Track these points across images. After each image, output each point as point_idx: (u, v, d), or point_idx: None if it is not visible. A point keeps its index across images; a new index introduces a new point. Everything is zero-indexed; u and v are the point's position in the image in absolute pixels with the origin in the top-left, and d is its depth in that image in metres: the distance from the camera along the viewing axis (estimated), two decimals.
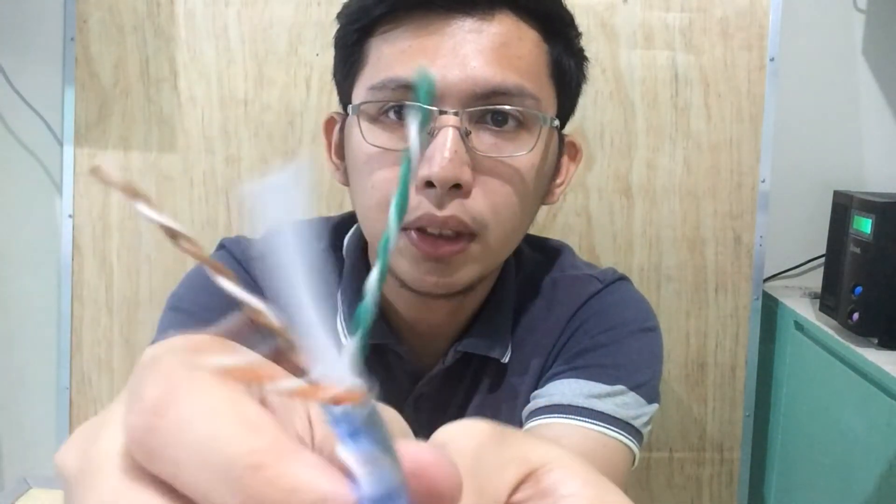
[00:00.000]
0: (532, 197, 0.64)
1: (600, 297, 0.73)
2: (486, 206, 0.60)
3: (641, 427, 0.67)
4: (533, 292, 0.72)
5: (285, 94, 1.32)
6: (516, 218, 0.63)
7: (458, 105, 0.58)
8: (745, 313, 1.35)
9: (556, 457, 0.21)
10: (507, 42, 0.60)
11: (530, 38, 0.62)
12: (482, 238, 0.61)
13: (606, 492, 0.21)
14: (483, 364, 0.71)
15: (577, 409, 0.65)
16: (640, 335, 0.71)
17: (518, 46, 0.61)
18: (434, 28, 0.59)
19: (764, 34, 1.31)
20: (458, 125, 0.57)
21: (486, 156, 0.59)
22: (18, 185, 1.44)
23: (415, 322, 0.69)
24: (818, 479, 1.24)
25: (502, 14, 0.61)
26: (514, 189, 0.61)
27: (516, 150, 0.61)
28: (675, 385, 1.36)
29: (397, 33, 0.60)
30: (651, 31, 1.30)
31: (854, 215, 1.19)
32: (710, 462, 1.39)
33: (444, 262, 0.60)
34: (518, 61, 0.60)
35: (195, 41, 1.32)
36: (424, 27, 0.59)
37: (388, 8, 0.60)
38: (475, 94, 0.59)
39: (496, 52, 0.59)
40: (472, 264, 0.62)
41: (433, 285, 0.61)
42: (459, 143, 0.57)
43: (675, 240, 1.34)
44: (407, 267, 0.61)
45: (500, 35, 0.60)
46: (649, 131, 1.32)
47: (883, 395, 1.04)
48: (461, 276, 0.62)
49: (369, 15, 0.62)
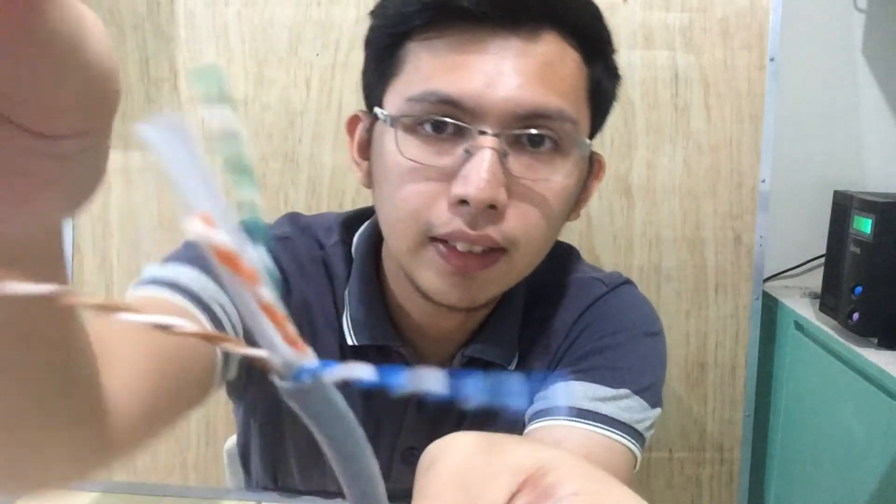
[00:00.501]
0: (561, 218, 0.64)
1: (605, 301, 0.73)
2: (517, 226, 0.59)
3: (644, 431, 0.67)
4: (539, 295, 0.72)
5: (285, 94, 1.32)
6: (544, 238, 0.63)
7: (497, 125, 0.57)
8: (745, 313, 1.35)
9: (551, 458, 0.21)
10: (550, 62, 0.59)
11: (573, 59, 0.61)
12: (510, 256, 0.60)
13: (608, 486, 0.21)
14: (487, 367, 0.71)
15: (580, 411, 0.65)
16: (644, 339, 0.71)
17: (561, 67, 0.60)
18: (477, 42, 0.58)
19: (764, 34, 1.31)
20: (496, 147, 0.57)
21: (521, 178, 0.59)
22: None
23: (425, 327, 0.69)
24: (818, 479, 1.24)
25: (548, 34, 0.59)
26: (545, 211, 0.61)
27: (551, 173, 0.60)
28: (675, 385, 1.36)
29: (438, 43, 0.59)
30: (651, 31, 1.30)
31: (854, 215, 1.19)
32: (710, 462, 1.39)
33: (470, 278, 0.60)
34: (560, 83, 0.59)
35: (195, 41, 1.32)
36: (468, 40, 0.58)
37: (429, 18, 0.59)
38: (516, 115, 0.58)
39: (539, 74, 0.58)
40: (498, 281, 0.62)
41: (457, 299, 0.61)
42: (497, 164, 0.57)
43: (675, 240, 1.34)
44: (433, 279, 0.61)
45: (544, 55, 0.59)
46: (649, 131, 1.32)
47: (883, 395, 1.04)
48: (485, 292, 0.62)
49: (408, 23, 0.60)
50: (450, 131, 0.58)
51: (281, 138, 1.33)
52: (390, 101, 0.62)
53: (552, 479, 0.20)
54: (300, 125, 1.33)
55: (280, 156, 1.33)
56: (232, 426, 1.35)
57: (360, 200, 1.34)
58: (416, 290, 0.63)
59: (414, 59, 0.60)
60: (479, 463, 0.20)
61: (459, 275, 0.60)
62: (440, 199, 0.58)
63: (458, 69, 0.58)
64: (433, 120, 0.58)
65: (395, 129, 0.60)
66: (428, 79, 0.59)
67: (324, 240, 0.72)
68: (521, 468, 0.21)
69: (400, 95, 0.60)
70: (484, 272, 0.60)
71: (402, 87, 0.61)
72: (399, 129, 0.60)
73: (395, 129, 0.60)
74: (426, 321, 0.68)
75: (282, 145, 1.33)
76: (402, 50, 0.61)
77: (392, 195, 0.60)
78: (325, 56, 1.32)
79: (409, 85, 0.60)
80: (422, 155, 0.59)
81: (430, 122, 0.58)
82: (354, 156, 0.69)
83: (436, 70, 0.58)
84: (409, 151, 0.59)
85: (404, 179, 0.59)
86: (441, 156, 0.58)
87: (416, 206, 0.59)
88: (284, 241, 0.70)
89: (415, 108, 0.59)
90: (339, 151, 1.33)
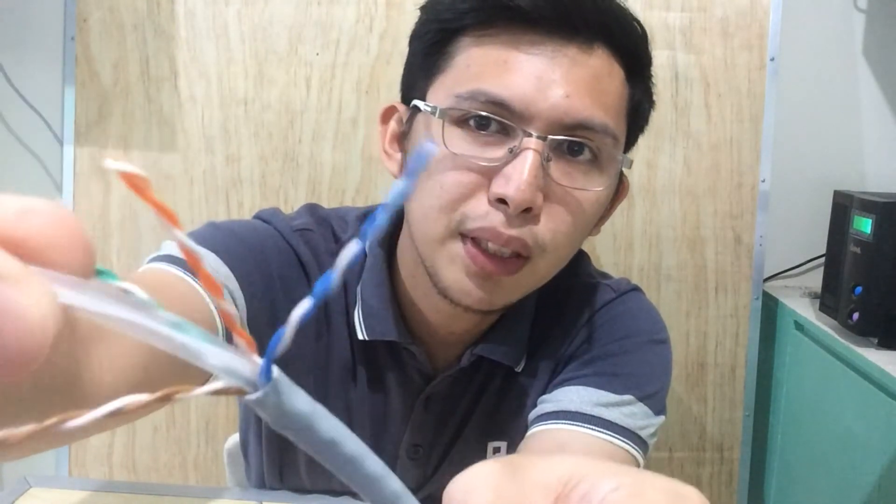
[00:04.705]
0: (587, 230, 0.65)
1: (613, 307, 0.73)
2: (548, 232, 0.60)
3: (647, 438, 0.67)
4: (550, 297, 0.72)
5: (285, 93, 1.32)
6: (570, 246, 0.63)
7: (543, 130, 0.58)
8: (745, 313, 1.35)
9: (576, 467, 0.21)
10: (599, 76, 0.60)
11: (619, 77, 0.62)
12: (534, 262, 0.61)
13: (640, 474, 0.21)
14: (494, 367, 0.71)
15: (584, 416, 0.65)
16: (651, 346, 0.71)
17: (608, 83, 0.60)
18: (532, 45, 0.58)
19: (764, 34, 1.31)
20: (540, 150, 0.57)
21: (558, 184, 0.59)
22: (18, 184, 1.44)
23: (436, 326, 0.69)
24: (818, 479, 1.24)
25: (599, 48, 0.60)
26: (576, 220, 0.61)
27: (587, 183, 0.61)
28: (675, 385, 1.36)
29: (491, 41, 0.59)
30: (651, 31, 1.29)
31: (854, 215, 1.19)
32: (710, 462, 1.39)
33: (493, 281, 0.60)
34: (606, 98, 0.60)
35: (195, 40, 1.32)
36: (522, 42, 0.58)
37: (484, 17, 0.59)
38: (562, 123, 0.58)
39: (589, 86, 0.59)
40: (519, 288, 0.63)
41: (477, 301, 0.61)
42: (539, 168, 0.57)
43: (675, 240, 1.34)
44: (456, 276, 0.61)
45: (595, 68, 0.59)
46: (649, 131, 1.31)
47: (883, 395, 1.04)
48: (506, 296, 0.63)
49: (462, 20, 0.60)
50: (495, 129, 0.59)
51: (281, 138, 1.33)
52: (436, 95, 0.62)
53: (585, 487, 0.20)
54: (300, 125, 1.33)
55: (280, 155, 1.33)
56: (232, 426, 1.35)
57: (359, 199, 1.34)
58: (435, 287, 0.63)
59: (465, 55, 0.60)
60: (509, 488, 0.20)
61: (483, 276, 0.60)
62: (479, 194, 0.58)
63: (509, 70, 0.58)
64: (480, 116, 0.59)
65: (443, 120, 0.60)
66: (478, 77, 0.59)
67: (340, 233, 0.72)
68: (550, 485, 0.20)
69: (447, 91, 0.61)
70: (507, 277, 0.60)
71: (450, 82, 0.61)
72: (446, 122, 0.60)
73: (443, 120, 0.60)
74: (439, 320, 0.68)
75: (282, 145, 1.33)
76: (451, 46, 0.61)
77: (430, 183, 0.60)
78: (325, 56, 1.32)
79: (457, 81, 0.60)
80: (467, 148, 0.59)
81: (477, 117, 0.59)
82: (387, 147, 0.69)
83: (486, 68, 0.59)
84: (453, 143, 0.59)
85: (444, 168, 0.59)
86: (484, 151, 0.59)
87: (454, 196, 0.59)
88: (304, 233, 0.70)
89: (462, 104, 0.59)
90: (339, 151, 1.33)
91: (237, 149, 1.33)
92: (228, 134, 1.33)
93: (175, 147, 1.33)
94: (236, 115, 1.32)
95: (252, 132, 1.33)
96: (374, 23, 1.31)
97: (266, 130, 1.33)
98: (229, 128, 1.33)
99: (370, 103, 1.32)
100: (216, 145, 1.33)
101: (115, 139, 1.33)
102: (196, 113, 1.32)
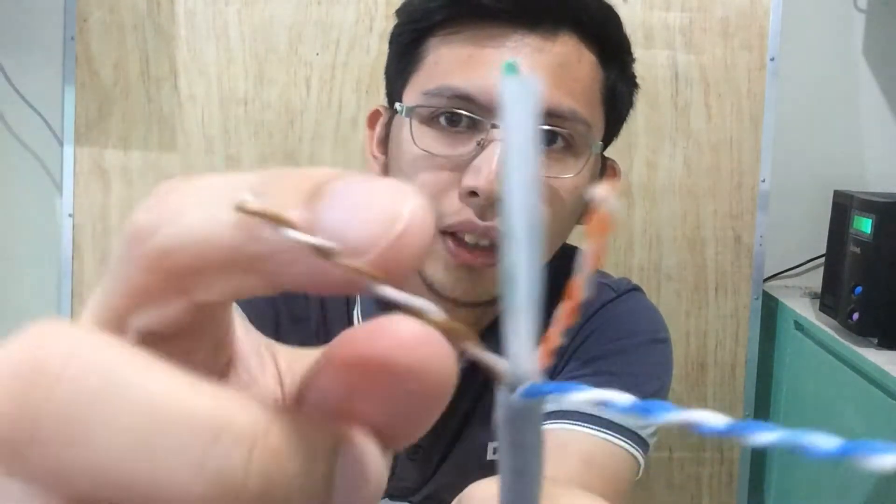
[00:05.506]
0: (569, 218, 0.65)
1: (613, 306, 0.73)
2: None
3: (648, 437, 0.67)
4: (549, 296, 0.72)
5: (285, 93, 1.32)
6: (554, 236, 0.64)
7: None
8: (745, 313, 1.35)
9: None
10: (566, 63, 0.60)
11: (589, 62, 0.62)
12: None
13: None
14: None
15: (583, 415, 0.65)
16: (651, 346, 0.71)
17: (577, 69, 0.61)
18: (495, 39, 0.59)
19: (764, 34, 1.31)
20: None
21: None
22: (19, 184, 1.44)
23: None
24: (818, 479, 1.24)
25: (565, 34, 0.60)
26: (553, 208, 0.61)
27: (561, 171, 0.61)
28: (675, 385, 1.36)
29: (458, 39, 0.60)
30: (651, 31, 1.30)
31: (854, 215, 1.19)
32: (710, 462, 1.39)
33: (476, 272, 0.61)
34: (574, 84, 0.60)
35: (195, 40, 1.32)
36: (486, 37, 0.59)
37: (450, 14, 0.60)
38: None
39: (555, 74, 0.59)
40: None
41: (462, 293, 0.62)
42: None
43: (675, 240, 1.34)
44: (439, 272, 0.61)
45: (561, 56, 0.60)
46: (649, 131, 1.32)
47: (883, 395, 1.04)
48: (490, 288, 0.63)
49: (430, 19, 0.61)
50: (464, 124, 0.59)
51: (281, 138, 1.33)
52: (409, 95, 0.63)
53: None
54: (300, 125, 1.33)
55: (280, 155, 1.33)
56: None
57: None
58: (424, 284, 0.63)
59: (433, 54, 0.62)
60: None
61: (465, 269, 0.60)
62: (451, 190, 0.59)
63: (473, 65, 0.59)
64: (448, 112, 0.59)
65: (411, 119, 0.61)
66: (444, 74, 0.60)
67: None
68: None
69: (418, 90, 0.62)
70: (490, 268, 0.60)
71: (420, 81, 0.62)
72: (415, 120, 0.61)
73: (411, 119, 0.61)
74: None
75: (282, 144, 1.33)
76: (422, 46, 0.63)
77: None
78: (325, 56, 1.32)
79: (427, 79, 0.61)
80: (435, 145, 0.60)
81: (445, 114, 0.60)
82: (373, 150, 0.70)
83: (452, 65, 0.60)
84: (422, 142, 0.60)
85: (417, 169, 0.60)
86: (454, 147, 0.59)
87: (428, 195, 0.59)
88: None
89: (431, 101, 0.60)
90: (339, 150, 1.33)
91: (237, 149, 1.33)
92: (228, 134, 1.33)
93: (175, 147, 1.33)
94: (236, 115, 1.32)
95: (252, 132, 1.33)
96: (374, 23, 1.31)
97: (266, 130, 1.33)
98: (229, 127, 1.33)
99: (370, 103, 1.32)
100: (216, 145, 1.33)
101: (115, 139, 1.33)
102: (196, 112, 1.32)
